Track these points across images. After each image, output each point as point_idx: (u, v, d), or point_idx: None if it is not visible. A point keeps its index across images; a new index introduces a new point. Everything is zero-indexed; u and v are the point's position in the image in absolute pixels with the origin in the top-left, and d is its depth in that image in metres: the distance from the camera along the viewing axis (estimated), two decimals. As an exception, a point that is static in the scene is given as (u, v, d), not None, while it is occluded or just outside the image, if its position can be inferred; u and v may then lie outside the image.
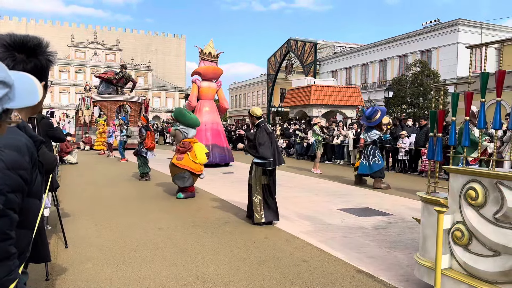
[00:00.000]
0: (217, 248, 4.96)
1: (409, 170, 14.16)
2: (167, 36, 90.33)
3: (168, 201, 8.11)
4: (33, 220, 1.45)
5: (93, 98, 27.92)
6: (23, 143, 1.33)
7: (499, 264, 2.95)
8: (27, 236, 1.43)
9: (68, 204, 7.50)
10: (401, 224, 6.36)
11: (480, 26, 31.41)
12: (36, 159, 1.40)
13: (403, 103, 27.30)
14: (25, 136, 1.37)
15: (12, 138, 1.30)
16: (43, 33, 77.03)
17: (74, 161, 15.82)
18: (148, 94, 67.51)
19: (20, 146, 1.31)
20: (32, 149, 1.37)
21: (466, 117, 3.51)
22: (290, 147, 21.72)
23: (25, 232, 1.41)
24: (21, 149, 1.31)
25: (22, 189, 1.30)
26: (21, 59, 1.40)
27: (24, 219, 1.35)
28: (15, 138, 1.31)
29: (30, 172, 1.34)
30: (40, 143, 1.45)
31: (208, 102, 15.80)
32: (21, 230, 1.34)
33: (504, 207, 2.93)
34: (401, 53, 36.21)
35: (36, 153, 1.41)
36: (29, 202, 1.37)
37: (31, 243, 1.48)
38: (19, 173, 1.28)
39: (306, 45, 40.73)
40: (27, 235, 1.43)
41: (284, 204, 7.74)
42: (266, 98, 49.63)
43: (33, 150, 1.37)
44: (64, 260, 4.48)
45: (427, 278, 3.51)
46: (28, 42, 1.43)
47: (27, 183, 1.32)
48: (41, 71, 1.45)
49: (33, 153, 1.37)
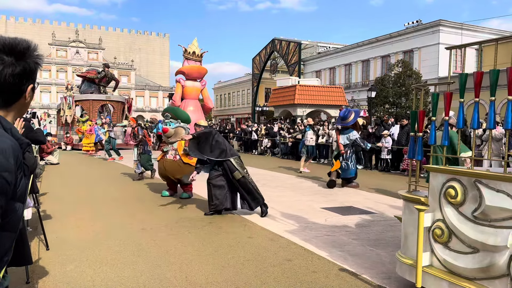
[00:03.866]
0: (202, 249, 4.95)
1: (391, 169, 14.36)
2: (151, 35, 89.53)
3: (152, 202, 8.05)
4: (16, 223, 1.43)
5: (75, 97, 27.51)
6: (8, 145, 1.31)
7: (477, 261, 3.02)
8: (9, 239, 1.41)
9: (49, 206, 7.38)
10: (383, 222, 6.44)
11: (461, 27, 31.99)
12: (21, 162, 1.39)
13: (386, 103, 27.63)
14: (10, 138, 1.35)
15: None
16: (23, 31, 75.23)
17: (55, 161, 15.56)
18: (132, 94, 66.68)
19: (5, 148, 1.30)
20: (18, 151, 1.36)
21: (445, 117, 3.57)
22: (275, 147, 21.78)
23: (8, 234, 1.39)
24: (5, 151, 1.29)
25: (6, 192, 1.28)
26: (10, 62, 1.40)
27: (7, 222, 1.33)
28: (1, 140, 1.30)
29: (14, 174, 1.32)
30: (27, 145, 1.45)
31: (193, 101, 15.72)
32: (3, 232, 1.33)
33: (482, 205, 3.00)
34: (383, 54, 36.61)
35: (21, 156, 1.39)
36: (12, 205, 1.35)
37: (13, 246, 1.46)
38: (3, 175, 1.26)
39: (290, 45, 40.91)
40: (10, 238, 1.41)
41: (269, 203, 7.75)
42: (251, 98, 49.68)
43: (18, 153, 1.36)
44: (45, 262, 4.41)
45: (408, 276, 3.57)
46: (18, 45, 1.43)
47: (10, 185, 1.30)
48: (29, 74, 1.46)
49: (19, 156, 1.36)
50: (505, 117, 3.00)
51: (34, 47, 1.47)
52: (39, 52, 1.50)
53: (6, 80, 1.38)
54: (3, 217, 1.29)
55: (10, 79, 1.38)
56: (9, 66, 1.39)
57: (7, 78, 1.38)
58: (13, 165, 1.31)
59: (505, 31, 34.44)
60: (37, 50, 1.49)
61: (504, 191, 2.86)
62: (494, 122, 3.11)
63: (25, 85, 1.44)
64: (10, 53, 1.40)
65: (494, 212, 2.93)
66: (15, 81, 1.40)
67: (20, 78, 1.41)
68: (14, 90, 1.42)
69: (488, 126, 3.21)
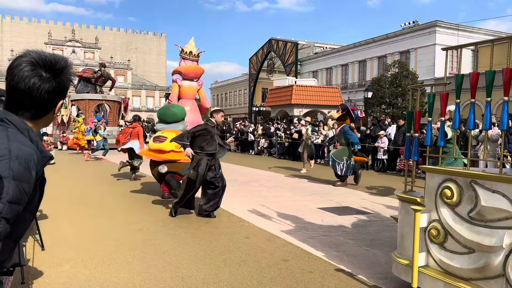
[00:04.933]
0: (198, 249, 4.94)
1: (388, 169, 14.38)
2: (147, 35, 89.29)
3: (148, 202, 8.03)
4: (22, 233, 1.46)
5: (71, 97, 27.39)
6: (33, 157, 1.35)
7: (473, 261, 3.03)
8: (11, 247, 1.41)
9: (44, 205, 7.34)
10: (379, 222, 6.45)
11: (457, 28, 32.11)
12: (42, 175, 1.42)
13: (382, 103, 27.70)
14: (36, 151, 1.39)
15: (25, 151, 1.32)
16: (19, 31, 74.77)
17: (51, 161, 15.49)
18: (128, 93, 66.55)
19: (30, 160, 1.33)
20: (40, 165, 1.40)
21: (441, 117, 3.58)
22: (272, 147, 21.78)
23: (11, 243, 1.39)
24: (29, 163, 1.33)
25: (22, 202, 1.31)
26: (47, 79, 1.43)
27: (14, 231, 1.34)
28: (27, 151, 1.34)
29: (33, 187, 1.36)
30: (49, 159, 1.48)
31: (189, 101, 15.63)
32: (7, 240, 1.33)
33: (478, 206, 3.01)
34: (380, 54, 36.70)
35: (42, 169, 1.43)
36: (23, 215, 1.38)
37: (12, 254, 1.47)
38: (23, 186, 1.29)
39: (287, 45, 40.95)
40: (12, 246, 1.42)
41: (265, 203, 7.77)
42: (247, 98, 49.67)
43: (41, 166, 1.40)
44: (40, 262, 4.39)
45: (404, 276, 3.57)
46: (57, 63, 1.46)
47: (27, 196, 1.33)
48: (62, 91, 1.50)
49: (40, 169, 1.40)
50: (500, 118, 3.01)
51: (70, 65, 1.52)
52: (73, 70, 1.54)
53: (42, 95, 1.41)
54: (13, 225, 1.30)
55: (45, 95, 1.42)
56: (46, 82, 1.42)
57: (43, 94, 1.41)
58: (34, 178, 1.35)
59: (501, 32, 34.60)
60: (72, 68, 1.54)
61: (500, 191, 2.87)
62: (490, 123, 3.12)
63: (57, 100, 1.48)
64: (49, 70, 1.44)
65: (490, 213, 2.94)
66: (49, 97, 1.44)
67: (54, 94, 1.45)
68: (47, 105, 1.46)
69: (484, 127, 3.22)
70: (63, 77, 1.47)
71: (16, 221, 1.32)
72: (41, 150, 1.43)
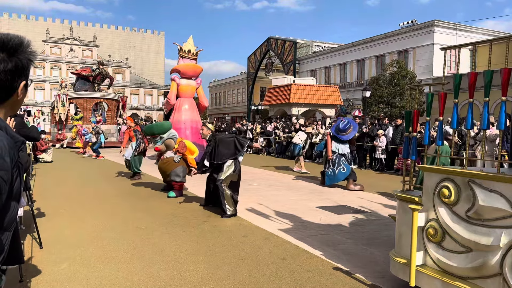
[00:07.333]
0: (196, 247, 4.95)
1: (386, 168, 14.41)
2: (146, 33, 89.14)
3: (147, 201, 8.03)
4: (12, 222, 1.43)
5: (69, 95, 27.32)
6: (3, 143, 1.31)
7: (470, 260, 3.05)
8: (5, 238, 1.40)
9: (42, 203, 7.34)
10: (377, 221, 6.47)
11: (455, 28, 32.16)
12: (16, 160, 1.38)
13: (380, 102, 27.74)
14: (5, 136, 1.34)
15: None
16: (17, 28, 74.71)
17: (49, 159, 15.47)
18: (126, 91, 66.41)
19: (1, 147, 1.29)
20: (13, 150, 1.35)
21: (440, 117, 3.59)
22: (270, 146, 21.78)
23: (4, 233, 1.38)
24: (1, 150, 1.28)
25: (3, 191, 1.28)
26: (1, 59, 1.38)
27: (2, 220, 1.33)
28: None
29: (10, 173, 1.31)
30: (21, 143, 1.43)
31: (188, 100, 15.68)
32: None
33: (475, 205, 3.02)
34: (378, 53, 36.73)
35: (17, 154, 1.38)
36: (8, 204, 1.35)
37: (7, 245, 1.46)
38: (0, 174, 1.25)
39: (286, 44, 40.92)
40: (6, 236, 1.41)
41: (263, 202, 7.78)
42: (246, 96, 49.64)
43: (14, 151, 1.35)
44: (38, 260, 4.38)
45: (402, 275, 3.59)
46: (10, 41, 1.41)
47: (7, 184, 1.30)
48: (21, 71, 1.44)
49: (14, 154, 1.35)
50: (498, 118, 3.02)
51: (27, 43, 1.45)
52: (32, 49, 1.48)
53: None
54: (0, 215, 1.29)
55: (1, 75, 1.37)
56: (1, 62, 1.37)
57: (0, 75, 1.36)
58: (9, 164, 1.30)
59: (499, 32, 34.68)
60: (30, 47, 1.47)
61: (497, 191, 2.89)
62: (488, 123, 3.13)
63: (17, 82, 1.42)
64: (2, 49, 1.38)
65: (487, 212, 2.96)
66: (7, 78, 1.38)
67: (12, 75, 1.39)
68: (6, 87, 1.40)
69: (482, 126, 3.23)
70: (20, 56, 1.42)
71: (2, 210, 1.30)
72: (11, 135, 1.39)
